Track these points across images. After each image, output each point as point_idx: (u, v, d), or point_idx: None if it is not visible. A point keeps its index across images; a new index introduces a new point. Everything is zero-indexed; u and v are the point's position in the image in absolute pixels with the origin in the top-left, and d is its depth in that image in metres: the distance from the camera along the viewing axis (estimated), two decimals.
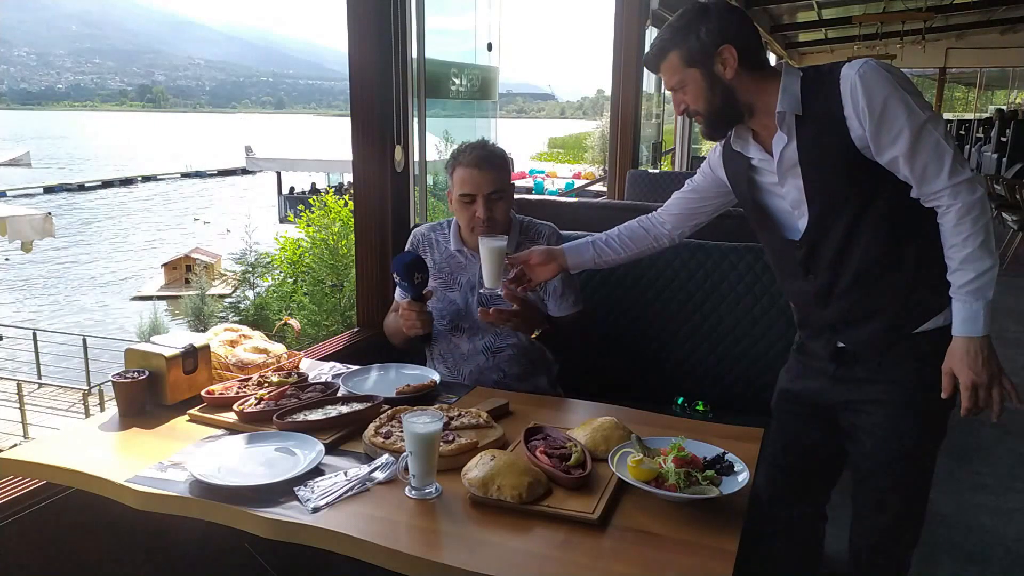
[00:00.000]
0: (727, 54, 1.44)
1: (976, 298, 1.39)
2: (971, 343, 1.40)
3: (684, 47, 1.47)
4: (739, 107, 1.49)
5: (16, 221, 8.65)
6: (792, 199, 1.52)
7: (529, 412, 1.67)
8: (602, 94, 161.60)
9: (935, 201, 1.39)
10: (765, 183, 1.57)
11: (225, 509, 1.26)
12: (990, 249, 1.38)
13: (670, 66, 1.50)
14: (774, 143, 1.48)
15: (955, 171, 1.36)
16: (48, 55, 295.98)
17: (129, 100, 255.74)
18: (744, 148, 1.57)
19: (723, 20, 1.45)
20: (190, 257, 19.36)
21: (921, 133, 1.35)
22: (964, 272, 1.38)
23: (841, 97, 1.38)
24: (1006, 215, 7.39)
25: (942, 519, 2.74)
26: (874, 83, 1.35)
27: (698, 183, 1.78)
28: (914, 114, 1.35)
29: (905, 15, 10.64)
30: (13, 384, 10.15)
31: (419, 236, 2.17)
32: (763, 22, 11.30)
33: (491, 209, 1.97)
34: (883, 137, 1.36)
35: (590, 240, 1.84)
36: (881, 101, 1.35)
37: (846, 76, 1.38)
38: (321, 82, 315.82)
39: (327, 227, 11.03)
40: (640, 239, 1.84)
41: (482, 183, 1.95)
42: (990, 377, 1.40)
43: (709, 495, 1.23)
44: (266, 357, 1.87)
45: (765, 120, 1.50)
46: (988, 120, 15.01)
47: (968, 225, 1.36)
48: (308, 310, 10.26)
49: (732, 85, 1.46)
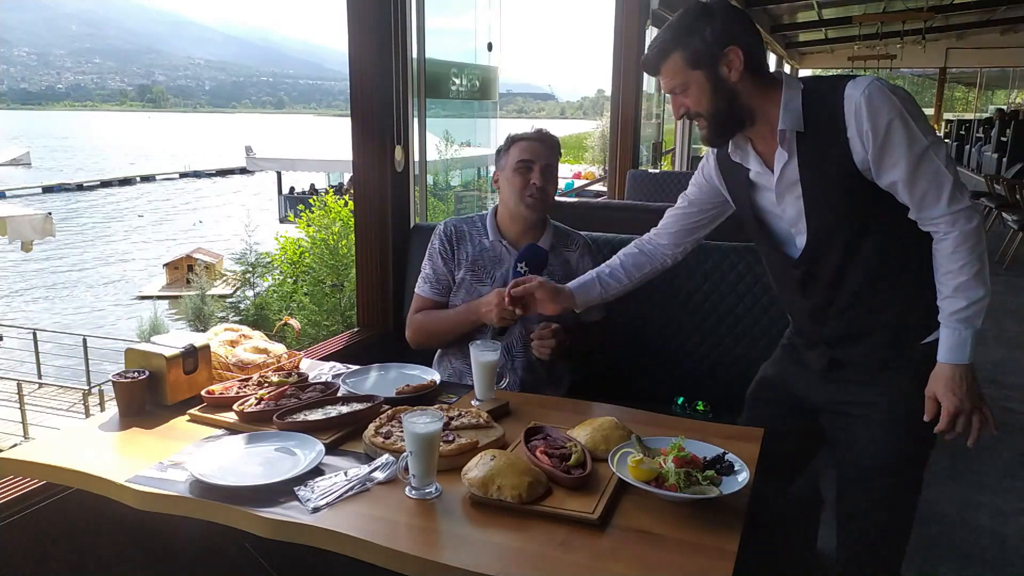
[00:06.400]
0: (733, 56, 1.40)
1: (966, 326, 1.39)
2: (956, 370, 1.41)
3: (689, 48, 1.42)
4: (742, 112, 1.45)
5: (16, 221, 8.64)
6: (790, 216, 1.50)
7: (529, 412, 1.67)
8: (602, 94, 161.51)
9: (932, 227, 1.39)
10: (763, 197, 1.54)
11: (225, 509, 1.26)
12: (984, 279, 1.38)
13: (673, 67, 1.45)
14: (775, 159, 1.46)
15: (954, 199, 1.35)
16: (48, 55, 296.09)
17: (129, 100, 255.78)
18: (744, 159, 1.54)
19: (729, 21, 1.42)
20: (191, 257, 19.37)
21: (922, 159, 1.34)
22: (956, 300, 1.39)
23: (845, 117, 1.35)
24: (1006, 215, 7.39)
25: (942, 519, 2.74)
26: (880, 105, 1.33)
27: (693, 196, 1.75)
28: (917, 140, 1.34)
29: (905, 15, 10.65)
30: (13, 384, 10.15)
31: (451, 227, 2.12)
32: (763, 22, 11.30)
33: (546, 179, 1.99)
34: (885, 161, 1.35)
35: (595, 276, 1.80)
36: (885, 124, 1.33)
37: (850, 96, 1.35)
38: (321, 82, 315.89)
39: (327, 227, 11.04)
40: (642, 265, 1.81)
41: (541, 153, 2.00)
42: (972, 405, 1.42)
43: (709, 495, 1.23)
44: (266, 357, 1.87)
45: (764, 131, 1.47)
46: (988, 120, 14.99)
47: (964, 254, 1.36)
48: (308, 310, 10.27)
49: (736, 89, 1.42)
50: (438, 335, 2.06)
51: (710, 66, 1.42)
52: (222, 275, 17.92)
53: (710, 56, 1.41)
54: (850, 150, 1.36)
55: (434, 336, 2.07)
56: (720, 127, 1.49)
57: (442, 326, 2.03)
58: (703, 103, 1.45)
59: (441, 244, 2.10)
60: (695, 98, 1.46)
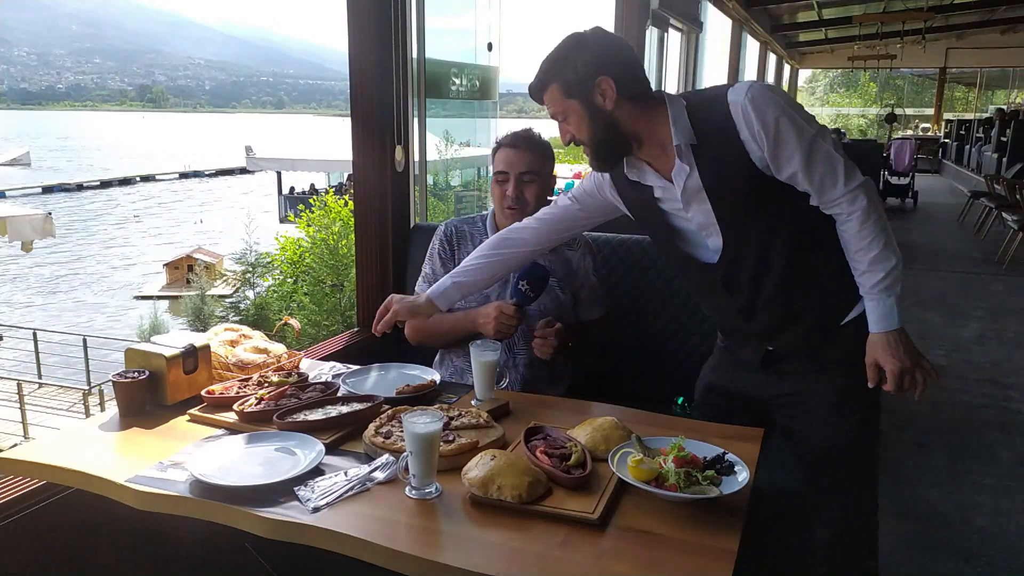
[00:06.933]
0: (605, 85, 1.45)
1: (888, 295, 1.47)
2: (890, 335, 1.48)
3: (563, 78, 1.48)
4: (624, 137, 1.51)
5: (16, 221, 8.65)
6: (699, 222, 1.55)
7: (529, 412, 1.67)
8: None
9: (835, 208, 1.46)
10: (670, 209, 1.59)
11: (225, 509, 1.26)
12: (893, 247, 1.46)
13: (551, 97, 1.51)
14: (674, 174, 1.50)
15: (850, 177, 1.43)
16: (48, 55, 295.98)
17: (129, 100, 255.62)
18: (642, 177, 1.58)
19: (600, 51, 1.47)
20: (192, 257, 19.35)
21: (813, 147, 1.41)
22: (874, 273, 1.46)
23: (735, 122, 1.42)
24: (1006, 215, 7.38)
25: (942, 519, 2.74)
26: (765, 106, 1.40)
27: (583, 199, 1.74)
28: (804, 130, 1.41)
29: (905, 15, 10.66)
30: (13, 384, 10.15)
31: (452, 228, 2.13)
32: (763, 22, 11.30)
33: (521, 190, 1.97)
34: (781, 155, 1.42)
35: (452, 281, 1.77)
36: (773, 121, 1.40)
37: (735, 102, 1.41)
38: (321, 82, 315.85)
39: (327, 227, 11.04)
40: (498, 261, 1.77)
41: (515, 162, 1.96)
42: (913, 361, 1.48)
43: (709, 495, 1.23)
44: (266, 357, 1.87)
45: (656, 150, 1.52)
46: (988, 120, 14.99)
47: (870, 229, 1.44)
48: (308, 310, 10.27)
49: (614, 115, 1.48)
50: (435, 336, 2.05)
51: (584, 95, 1.47)
52: (222, 275, 17.90)
53: (582, 86, 1.47)
54: (747, 152, 1.43)
55: (431, 337, 2.06)
56: (603, 153, 1.54)
57: (440, 329, 2.02)
58: (583, 131, 1.51)
59: (441, 245, 2.11)
60: (575, 126, 1.51)
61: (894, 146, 11.48)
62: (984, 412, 3.72)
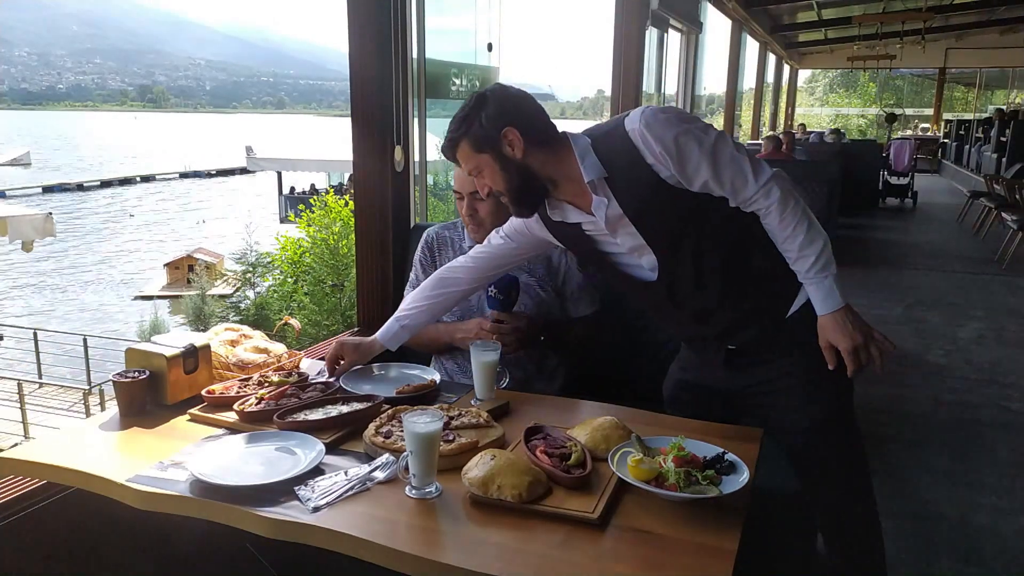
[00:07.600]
0: (512, 135, 1.50)
1: (825, 275, 1.51)
2: (837, 315, 1.51)
3: (470, 135, 1.53)
4: (539, 181, 1.55)
5: (17, 221, 8.63)
6: (629, 246, 1.59)
7: (529, 412, 1.67)
8: (602, 94, 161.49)
9: (754, 205, 1.50)
10: (600, 238, 1.62)
11: (226, 509, 1.26)
12: (817, 228, 1.50)
13: (463, 154, 1.56)
14: (594, 208, 1.54)
15: (758, 173, 1.47)
16: (48, 55, 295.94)
17: (130, 100, 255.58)
18: (565, 217, 1.61)
19: (501, 104, 1.52)
20: (192, 257, 19.35)
21: (716, 153, 1.45)
22: (806, 258, 1.50)
23: (638, 148, 1.47)
24: (1006, 215, 7.37)
25: (942, 519, 2.74)
26: (660, 129, 1.44)
27: (515, 237, 1.75)
28: (703, 140, 1.45)
29: (905, 15, 10.66)
30: (14, 383, 10.15)
31: (432, 235, 2.15)
32: (763, 22, 11.31)
33: (475, 207, 1.93)
34: (687, 169, 1.46)
35: (398, 324, 1.82)
36: (672, 141, 1.44)
37: (632, 130, 1.46)
38: (321, 82, 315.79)
39: (327, 227, 11.04)
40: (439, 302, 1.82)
41: (466, 182, 1.88)
42: (864, 336, 1.51)
43: (709, 495, 1.23)
44: (266, 357, 1.87)
45: (573, 188, 1.56)
46: (988, 120, 14.98)
47: (791, 217, 1.48)
48: (308, 310, 10.28)
49: (526, 163, 1.52)
50: (418, 343, 2.05)
51: (493, 147, 1.52)
52: (222, 275, 17.90)
53: (490, 139, 1.52)
54: (656, 173, 1.48)
55: (415, 343, 2.06)
56: (522, 199, 1.58)
57: (421, 339, 2.03)
58: (499, 182, 1.56)
59: (423, 252, 2.14)
60: (491, 178, 1.56)
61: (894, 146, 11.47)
62: (984, 412, 3.71)
